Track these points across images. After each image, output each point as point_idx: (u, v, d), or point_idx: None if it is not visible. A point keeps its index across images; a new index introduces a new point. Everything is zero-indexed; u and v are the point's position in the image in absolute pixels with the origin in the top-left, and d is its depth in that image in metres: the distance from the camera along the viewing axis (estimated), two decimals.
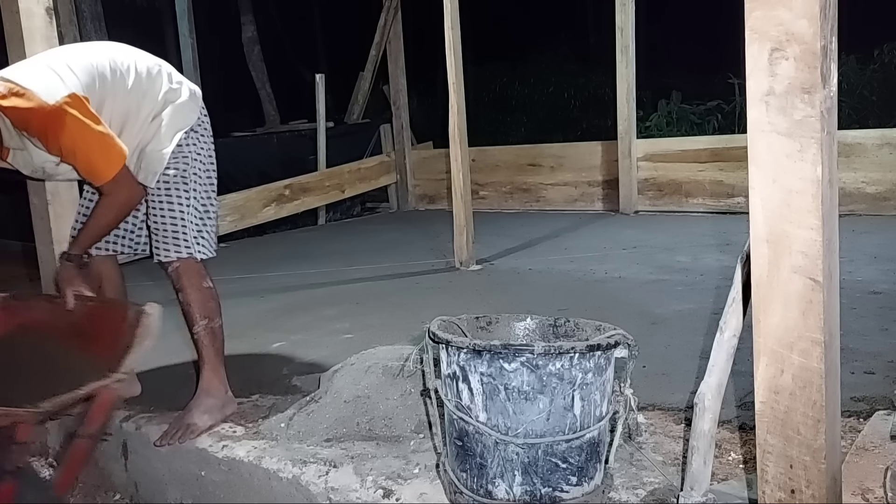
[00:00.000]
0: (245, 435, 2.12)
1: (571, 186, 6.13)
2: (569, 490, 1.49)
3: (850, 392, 2.02)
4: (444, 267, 4.23)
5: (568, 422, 1.47)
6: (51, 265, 2.49)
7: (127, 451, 2.33)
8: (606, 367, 1.52)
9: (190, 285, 2.20)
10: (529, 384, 1.45)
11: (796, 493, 1.24)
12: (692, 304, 3.11)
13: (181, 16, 5.30)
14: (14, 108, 1.91)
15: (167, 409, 2.38)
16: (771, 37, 1.15)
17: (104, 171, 2.03)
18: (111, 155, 2.03)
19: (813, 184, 1.15)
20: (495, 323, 1.79)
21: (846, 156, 4.83)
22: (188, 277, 2.20)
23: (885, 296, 3.03)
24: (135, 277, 4.49)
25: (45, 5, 2.45)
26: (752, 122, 1.19)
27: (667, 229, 4.97)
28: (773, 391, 1.24)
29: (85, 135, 1.97)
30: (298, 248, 5.37)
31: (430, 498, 1.69)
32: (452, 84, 4.03)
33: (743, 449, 1.78)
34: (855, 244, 3.90)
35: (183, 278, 2.20)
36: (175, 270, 2.20)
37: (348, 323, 3.13)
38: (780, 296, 1.20)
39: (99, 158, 2.02)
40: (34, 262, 2.58)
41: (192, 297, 2.20)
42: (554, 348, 1.44)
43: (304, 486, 1.86)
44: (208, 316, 2.21)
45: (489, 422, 1.48)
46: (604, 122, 7.90)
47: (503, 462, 1.48)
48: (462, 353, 1.49)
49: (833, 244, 1.21)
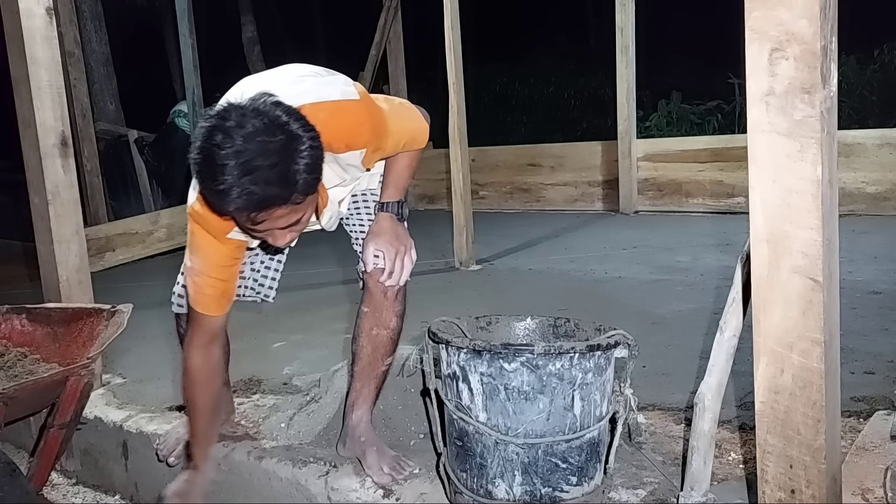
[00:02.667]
0: (245, 435, 2.12)
1: (571, 186, 6.13)
2: (569, 490, 1.49)
3: (850, 392, 2.02)
4: (444, 267, 4.22)
5: (568, 422, 1.47)
6: (51, 265, 2.49)
7: (127, 451, 2.33)
8: (606, 367, 1.52)
9: (401, 305, 1.85)
10: (529, 384, 1.45)
11: (796, 493, 1.24)
12: (692, 304, 3.11)
13: (181, 16, 5.28)
14: (341, 124, 1.54)
15: (167, 409, 2.39)
16: (771, 37, 1.15)
17: (423, 128, 1.76)
18: (411, 110, 1.77)
19: (813, 184, 1.15)
20: (495, 323, 1.79)
21: (846, 156, 4.83)
22: (402, 294, 1.84)
23: (885, 296, 3.03)
24: (134, 277, 4.50)
25: (45, 5, 2.44)
26: (752, 122, 1.19)
27: (667, 229, 4.97)
28: (773, 391, 1.24)
29: (395, 109, 1.72)
30: (298, 248, 5.34)
31: (430, 498, 1.70)
32: (452, 84, 4.03)
33: (743, 449, 1.78)
34: (855, 244, 3.90)
35: (399, 294, 1.83)
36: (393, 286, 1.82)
37: (348, 323, 3.12)
38: (780, 296, 1.20)
39: (413, 119, 1.75)
40: (34, 262, 2.58)
41: (396, 323, 1.86)
42: (554, 348, 1.44)
43: (304, 486, 1.86)
44: (393, 353, 1.90)
45: (489, 422, 1.48)
46: (604, 122, 7.90)
47: (503, 462, 1.48)
48: (462, 353, 1.50)
49: (833, 244, 1.21)
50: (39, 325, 2.38)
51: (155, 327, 3.17)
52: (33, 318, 2.39)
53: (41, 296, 2.54)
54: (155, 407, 2.41)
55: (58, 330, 2.34)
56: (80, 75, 5.77)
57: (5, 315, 2.42)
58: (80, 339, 2.28)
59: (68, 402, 2.09)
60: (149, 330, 3.18)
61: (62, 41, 5.08)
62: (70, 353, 2.25)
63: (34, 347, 2.34)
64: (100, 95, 6.85)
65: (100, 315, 2.26)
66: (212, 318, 1.71)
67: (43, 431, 2.16)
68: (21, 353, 2.32)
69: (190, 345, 1.74)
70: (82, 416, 2.26)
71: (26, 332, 2.38)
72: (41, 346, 2.34)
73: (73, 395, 2.09)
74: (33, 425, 2.45)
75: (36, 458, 2.16)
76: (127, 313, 2.22)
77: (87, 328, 2.28)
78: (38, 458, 2.13)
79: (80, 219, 2.57)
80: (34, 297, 2.61)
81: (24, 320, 2.40)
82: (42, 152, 2.44)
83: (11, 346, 2.36)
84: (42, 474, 2.16)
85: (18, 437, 2.61)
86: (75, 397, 2.10)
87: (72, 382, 2.08)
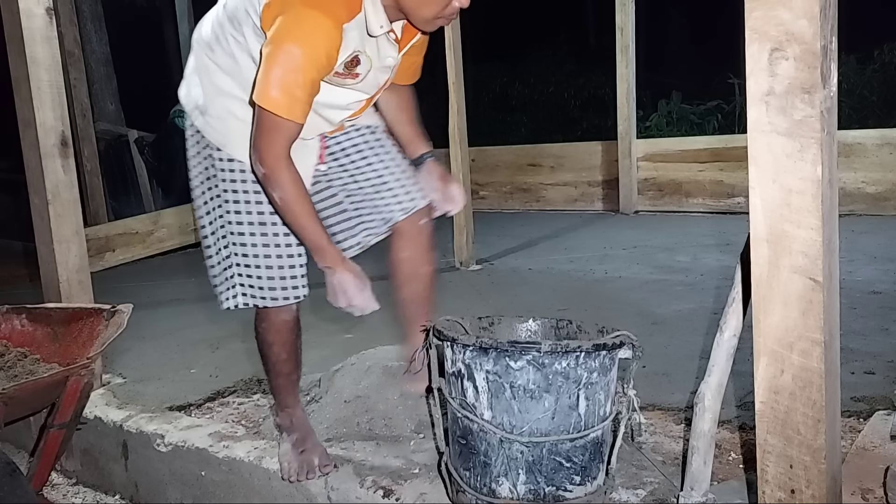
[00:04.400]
0: (245, 435, 2.13)
1: (571, 186, 6.13)
2: (572, 490, 1.49)
3: (850, 392, 2.02)
4: (444, 267, 4.23)
5: (573, 421, 1.47)
6: (51, 265, 2.50)
7: (127, 451, 2.33)
8: (611, 368, 1.52)
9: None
10: (535, 382, 1.45)
11: (796, 493, 1.24)
12: (692, 304, 3.11)
13: (181, 16, 5.30)
14: None
15: (168, 408, 2.39)
16: (771, 37, 1.15)
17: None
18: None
19: (813, 184, 1.15)
20: (497, 324, 1.80)
21: (846, 156, 4.83)
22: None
23: (885, 296, 3.03)
24: (134, 277, 4.50)
25: (45, 5, 2.44)
26: (752, 122, 1.19)
27: (667, 229, 4.97)
28: (773, 391, 1.24)
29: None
30: None
31: (430, 498, 1.69)
32: (452, 84, 4.03)
33: (743, 449, 1.78)
34: (855, 244, 3.91)
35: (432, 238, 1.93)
36: (428, 223, 1.92)
37: (348, 323, 3.12)
38: (780, 296, 1.20)
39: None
40: (35, 262, 2.58)
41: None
42: (560, 347, 1.44)
43: (304, 486, 1.86)
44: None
45: (494, 420, 1.48)
46: (604, 122, 7.89)
47: (507, 460, 1.48)
48: (468, 350, 1.49)
49: (833, 244, 1.21)
50: (39, 325, 2.38)
51: (155, 327, 3.17)
52: (33, 318, 2.40)
53: (41, 296, 2.54)
54: (155, 407, 2.41)
55: (58, 330, 2.34)
56: (80, 75, 5.77)
57: (5, 315, 2.42)
58: (80, 339, 2.28)
59: (68, 402, 2.09)
60: (149, 330, 3.18)
61: (62, 41, 5.08)
62: (70, 353, 2.25)
63: (34, 347, 2.34)
64: (100, 95, 6.85)
65: (100, 315, 2.26)
66: (294, 126, 1.61)
67: (43, 431, 2.16)
68: (21, 353, 2.32)
69: (279, 157, 1.62)
70: (82, 416, 2.26)
71: (26, 332, 2.38)
72: (41, 346, 2.34)
73: (73, 395, 2.09)
74: (33, 425, 2.45)
75: (36, 458, 2.16)
76: (127, 313, 2.22)
77: (87, 328, 2.28)
78: (38, 458, 2.13)
79: (80, 219, 2.57)
80: (34, 297, 2.61)
81: (24, 320, 2.40)
82: (42, 152, 2.44)
83: (11, 346, 2.36)
84: (42, 474, 2.16)
85: (18, 437, 2.61)
86: (75, 397, 2.10)
87: (72, 382, 2.08)
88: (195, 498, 2.14)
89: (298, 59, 1.54)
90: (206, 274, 1.86)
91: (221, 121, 1.76)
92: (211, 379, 2.64)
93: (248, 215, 1.77)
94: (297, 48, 1.54)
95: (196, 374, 2.71)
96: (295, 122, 1.60)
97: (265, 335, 1.86)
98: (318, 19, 1.53)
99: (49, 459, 2.14)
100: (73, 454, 2.51)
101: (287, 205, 1.65)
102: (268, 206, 1.75)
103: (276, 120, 1.58)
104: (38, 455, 2.14)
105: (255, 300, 1.81)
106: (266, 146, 1.61)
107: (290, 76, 1.55)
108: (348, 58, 1.63)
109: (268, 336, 1.86)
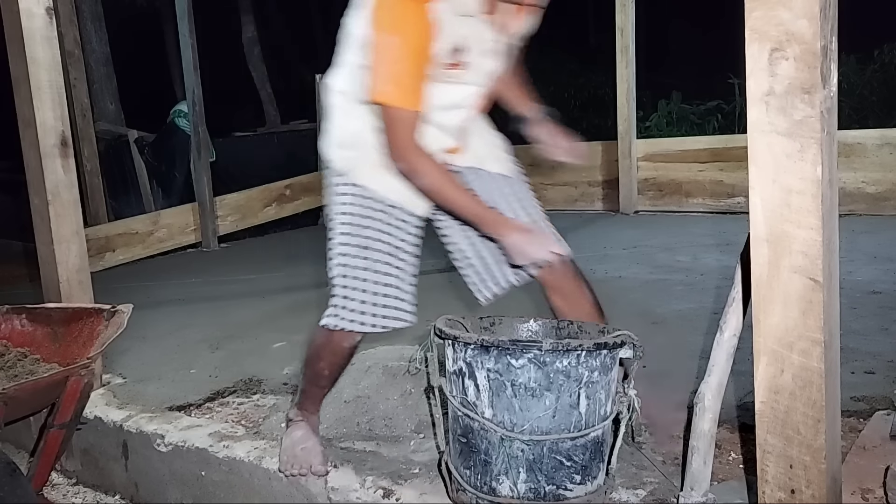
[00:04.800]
0: (245, 435, 2.13)
1: (571, 186, 6.13)
2: (572, 489, 1.49)
3: (850, 392, 2.02)
4: (445, 266, 4.22)
5: (574, 419, 1.47)
6: (51, 265, 2.50)
7: (127, 451, 2.33)
8: (612, 367, 1.52)
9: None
10: (536, 381, 1.45)
11: (796, 494, 1.24)
12: (692, 304, 3.11)
13: (181, 16, 5.28)
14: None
15: (168, 408, 2.39)
16: (771, 37, 1.15)
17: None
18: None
19: (813, 184, 1.15)
20: (498, 324, 1.80)
21: (846, 156, 4.83)
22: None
23: (885, 296, 3.03)
24: (134, 277, 4.50)
25: (45, 5, 2.44)
26: (752, 122, 1.19)
27: (667, 229, 4.97)
28: (773, 391, 1.24)
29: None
30: (299, 248, 5.36)
31: (430, 498, 1.69)
32: None
33: (743, 449, 1.78)
34: (855, 244, 3.90)
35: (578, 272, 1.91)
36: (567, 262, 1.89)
37: None
38: (780, 296, 1.20)
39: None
40: (34, 262, 2.58)
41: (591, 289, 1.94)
42: (562, 345, 1.44)
43: (304, 486, 1.86)
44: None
45: (495, 418, 1.48)
46: (604, 122, 7.88)
47: (508, 459, 1.48)
48: (469, 348, 1.49)
49: (833, 244, 1.21)
50: (39, 325, 2.38)
51: (155, 327, 3.17)
52: (33, 319, 2.40)
53: (41, 296, 2.54)
54: (155, 407, 2.41)
55: (58, 330, 2.34)
56: (80, 75, 5.77)
57: (5, 315, 2.43)
58: (80, 339, 2.28)
59: (68, 402, 2.09)
60: (149, 330, 3.18)
61: (62, 41, 5.08)
62: (70, 354, 2.25)
63: (34, 347, 2.34)
64: (100, 95, 6.85)
65: (100, 315, 2.27)
66: (412, 114, 1.62)
67: (43, 431, 2.16)
68: (21, 353, 2.32)
69: (408, 147, 1.64)
70: (82, 416, 2.26)
71: (26, 332, 2.39)
72: (41, 346, 2.34)
73: (73, 395, 2.09)
74: (33, 425, 2.45)
75: (36, 458, 2.16)
76: (127, 313, 2.22)
77: (87, 328, 2.28)
78: (38, 458, 2.13)
79: (80, 219, 2.57)
80: (34, 297, 2.61)
81: (24, 320, 2.40)
82: (42, 152, 2.44)
83: (11, 346, 2.36)
84: (42, 474, 2.16)
85: (18, 437, 2.61)
86: (75, 397, 2.11)
87: (72, 382, 2.08)
88: (195, 498, 2.14)
89: (395, 47, 1.58)
90: (206, 274, 1.86)
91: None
92: (211, 379, 2.64)
93: (351, 237, 1.74)
94: (391, 37, 1.57)
95: (196, 374, 2.71)
96: (411, 109, 1.62)
97: (320, 352, 1.85)
98: (402, 4, 1.57)
99: (49, 459, 2.14)
100: (73, 454, 2.51)
101: (434, 190, 1.67)
102: (372, 231, 1.74)
103: (393, 112, 1.61)
104: (38, 455, 2.14)
105: (344, 322, 1.76)
106: (394, 141, 1.64)
107: (394, 67, 1.58)
108: (449, 45, 1.63)
109: (322, 352, 1.84)
